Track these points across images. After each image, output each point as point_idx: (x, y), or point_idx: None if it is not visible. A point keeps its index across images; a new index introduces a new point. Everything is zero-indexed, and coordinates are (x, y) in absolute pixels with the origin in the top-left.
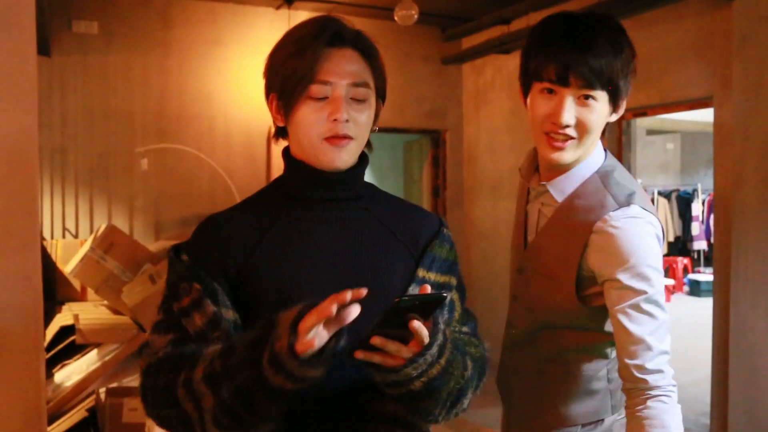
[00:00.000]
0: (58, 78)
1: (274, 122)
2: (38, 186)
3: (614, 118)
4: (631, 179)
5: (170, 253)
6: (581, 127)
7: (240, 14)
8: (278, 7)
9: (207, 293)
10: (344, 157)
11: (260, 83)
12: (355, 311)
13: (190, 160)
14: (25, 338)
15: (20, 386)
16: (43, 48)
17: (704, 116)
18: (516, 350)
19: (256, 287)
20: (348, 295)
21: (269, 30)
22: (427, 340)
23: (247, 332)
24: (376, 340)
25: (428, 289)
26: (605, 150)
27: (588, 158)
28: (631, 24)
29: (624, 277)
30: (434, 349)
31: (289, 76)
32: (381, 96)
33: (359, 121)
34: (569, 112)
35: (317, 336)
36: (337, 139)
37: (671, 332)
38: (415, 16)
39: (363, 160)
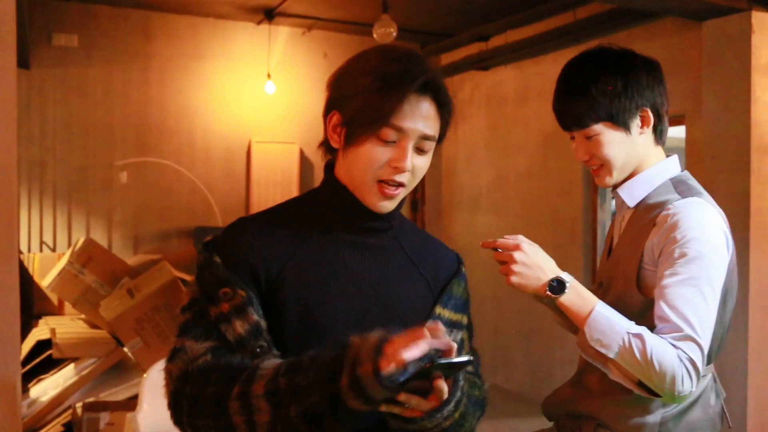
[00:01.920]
0: (37, 91)
1: (327, 137)
2: (16, 199)
3: (645, 131)
4: (706, 193)
5: (202, 254)
6: (597, 161)
7: (221, 29)
8: (259, 22)
9: (250, 301)
10: (389, 206)
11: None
12: (448, 344)
13: (170, 174)
14: (1, 354)
15: None
16: (23, 61)
17: (681, 132)
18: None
19: (283, 301)
20: (428, 335)
21: (250, 45)
22: (446, 397)
23: (318, 352)
24: (401, 397)
25: (442, 329)
26: (682, 167)
27: (658, 164)
28: (607, 43)
29: (674, 254)
30: (452, 406)
31: (363, 109)
32: (440, 141)
33: (417, 171)
34: (580, 151)
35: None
36: (391, 187)
37: None
38: (394, 34)
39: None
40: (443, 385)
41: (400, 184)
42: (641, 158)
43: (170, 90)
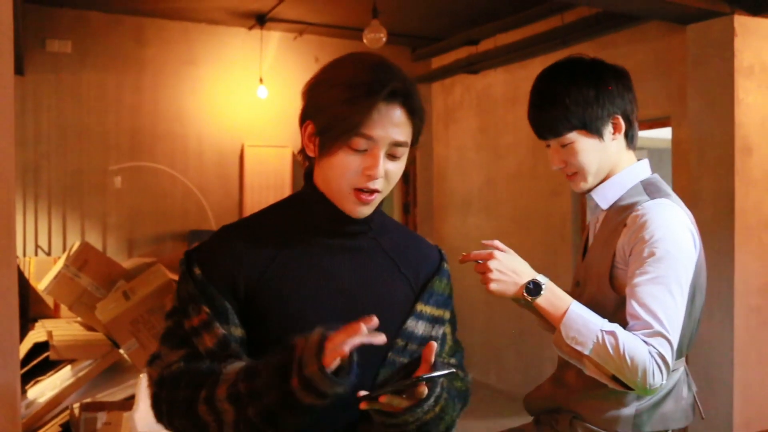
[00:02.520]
0: (31, 96)
1: (303, 146)
2: (14, 204)
3: (617, 137)
4: (674, 194)
5: (182, 266)
6: (571, 167)
7: (213, 34)
8: (251, 28)
9: (216, 316)
10: (366, 211)
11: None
12: (381, 339)
13: (164, 178)
14: (1, 354)
15: None
16: (17, 67)
17: (667, 134)
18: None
19: (263, 306)
20: (364, 329)
21: (242, 50)
22: (424, 396)
23: (270, 357)
24: (383, 399)
25: (435, 347)
26: (652, 170)
27: (629, 167)
28: (594, 47)
29: (643, 254)
30: (431, 401)
31: (334, 120)
32: (413, 145)
33: (390, 176)
34: (555, 158)
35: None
36: (366, 194)
37: None
38: (384, 39)
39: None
40: (423, 388)
41: (375, 191)
42: (613, 163)
43: (163, 95)
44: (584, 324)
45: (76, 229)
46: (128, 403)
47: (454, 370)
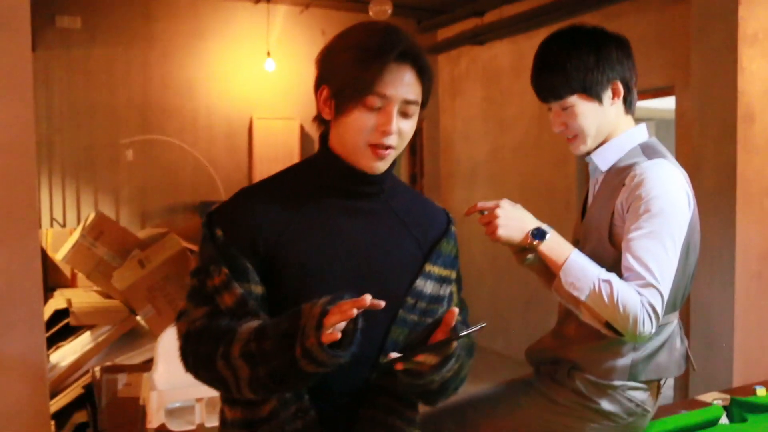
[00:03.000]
0: (42, 72)
1: (319, 111)
2: (35, 176)
3: (616, 102)
4: (670, 155)
5: (204, 227)
6: (571, 130)
7: (220, 8)
8: (257, 2)
9: (235, 276)
10: (381, 166)
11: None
12: (380, 305)
13: (174, 151)
14: (28, 314)
15: (26, 357)
16: None
17: (671, 104)
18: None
19: (283, 265)
20: (367, 301)
21: (249, 23)
22: (450, 352)
23: (278, 321)
24: (420, 358)
25: (456, 312)
26: (650, 134)
27: (628, 131)
28: (599, 17)
29: (639, 210)
30: (453, 360)
31: (349, 81)
32: (423, 106)
33: (404, 133)
34: (556, 122)
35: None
36: (381, 149)
37: None
38: (389, 12)
39: (394, 160)
40: (452, 347)
41: (390, 146)
42: (612, 127)
43: (172, 69)
44: (582, 271)
45: (90, 201)
46: (147, 365)
47: (485, 324)
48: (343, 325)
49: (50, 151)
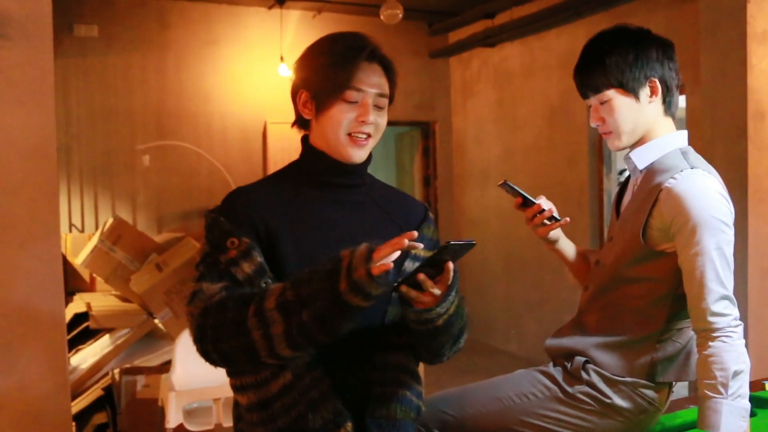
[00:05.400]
0: (60, 80)
1: (299, 114)
2: (57, 181)
3: (654, 100)
4: (708, 164)
5: (210, 215)
6: (608, 126)
7: (233, 14)
8: (270, 7)
9: (254, 246)
10: (362, 154)
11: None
12: (418, 246)
13: (190, 156)
14: (50, 316)
15: (48, 357)
16: None
17: (681, 102)
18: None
19: (280, 253)
20: (407, 241)
21: (262, 29)
22: (450, 281)
23: (316, 267)
24: (421, 277)
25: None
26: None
27: (668, 135)
28: (609, 17)
29: (688, 228)
30: (453, 292)
31: (328, 80)
32: (391, 101)
33: (379, 124)
34: (594, 116)
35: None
36: (360, 138)
37: None
38: (400, 15)
39: (369, 155)
40: (451, 266)
41: (368, 134)
42: (650, 125)
43: (187, 75)
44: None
45: (108, 207)
46: (165, 367)
47: (474, 242)
48: (392, 256)
49: (68, 157)
